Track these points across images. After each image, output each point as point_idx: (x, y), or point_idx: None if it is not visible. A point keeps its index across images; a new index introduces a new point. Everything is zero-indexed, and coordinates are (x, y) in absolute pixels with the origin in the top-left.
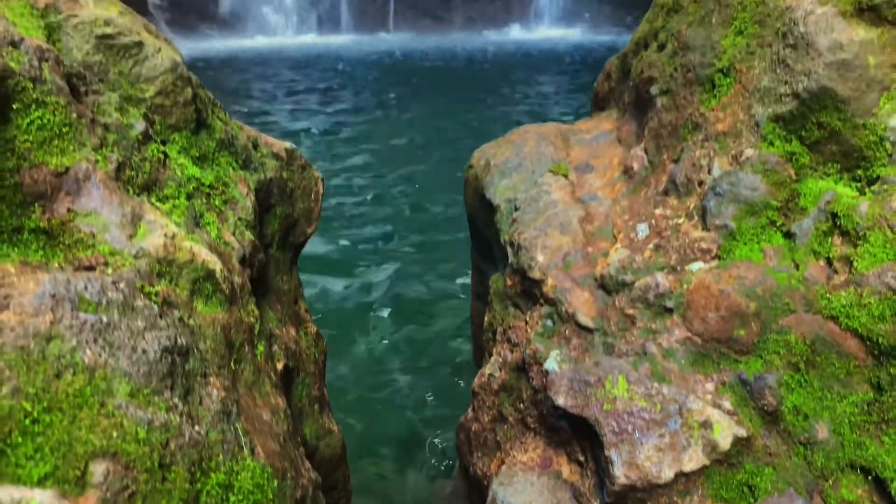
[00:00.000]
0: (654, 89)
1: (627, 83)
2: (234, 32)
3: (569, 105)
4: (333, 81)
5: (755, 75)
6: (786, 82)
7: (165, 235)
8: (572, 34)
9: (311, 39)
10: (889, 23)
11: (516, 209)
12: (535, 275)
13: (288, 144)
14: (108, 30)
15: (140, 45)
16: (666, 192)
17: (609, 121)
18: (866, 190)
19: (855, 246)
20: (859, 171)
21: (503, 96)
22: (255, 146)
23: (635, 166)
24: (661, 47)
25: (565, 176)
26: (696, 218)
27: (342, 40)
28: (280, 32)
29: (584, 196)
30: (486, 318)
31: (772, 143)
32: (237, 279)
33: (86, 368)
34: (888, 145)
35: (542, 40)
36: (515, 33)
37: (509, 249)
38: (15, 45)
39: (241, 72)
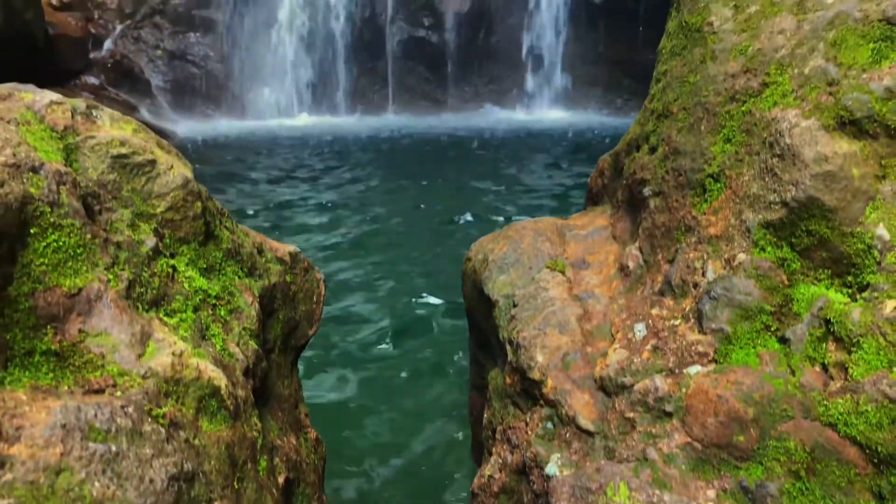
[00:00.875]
0: (646, 191)
1: (620, 181)
2: (235, 113)
3: (562, 187)
4: (330, 162)
5: (744, 182)
6: (774, 190)
7: (173, 354)
8: (565, 116)
9: (310, 120)
10: (870, 136)
11: (514, 305)
12: (535, 375)
13: (291, 248)
14: (123, 149)
15: (153, 162)
16: (662, 293)
17: (603, 217)
18: (857, 297)
19: (849, 352)
20: (850, 278)
21: (498, 178)
22: (260, 251)
23: (631, 265)
24: (653, 150)
25: (562, 272)
26: (692, 320)
27: (341, 121)
28: (280, 113)
29: (582, 293)
30: (485, 415)
31: (763, 249)
32: (241, 393)
33: (94, 502)
34: (876, 253)
35: (536, 122)
36: (509, 115)
37: (508, 347)
38: (35, 170)
39: (241, 151)
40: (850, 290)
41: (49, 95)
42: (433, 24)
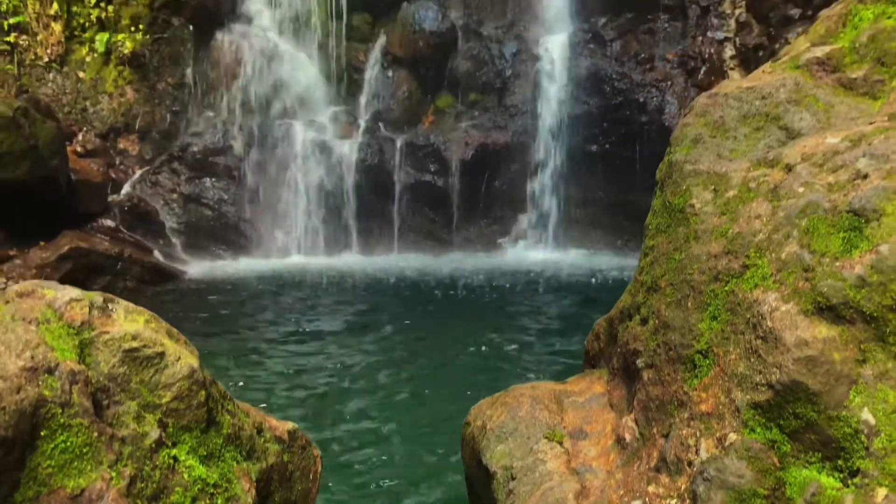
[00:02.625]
0: (639, 362)
1: (615, 348)
2: (246, 253)
3: (560, 335)
4: (337, 303)
5: (732, 360)
6: (760, 372)
7: None
8: (567, 258)
9: (318, 261)
10: (847, 321)
11: (512, 479)
12: None
13: (290, 425)
14: (135, 343)
15: (161, 355)
16: (657, 469)
17: (600, 383)
18: (849, 482)
19: None
20: (840, 462)
21: (499, 325)
22: (260, 431)
23: (627, 437)
24: (644, 321)
25: (560, 443)
26: (687, 501)
27: (349, 261)
28: (290, 254)
29: (580, 466)
30: None
31: (753, 430)
32: None
33: None
34: (863, 438)
35: (538, 263)
36: (511, 256)
37: None
38: (51, 371)
39: (250, 292)
40: (841, 475)
41: (69, 293)
42: (439, 170)
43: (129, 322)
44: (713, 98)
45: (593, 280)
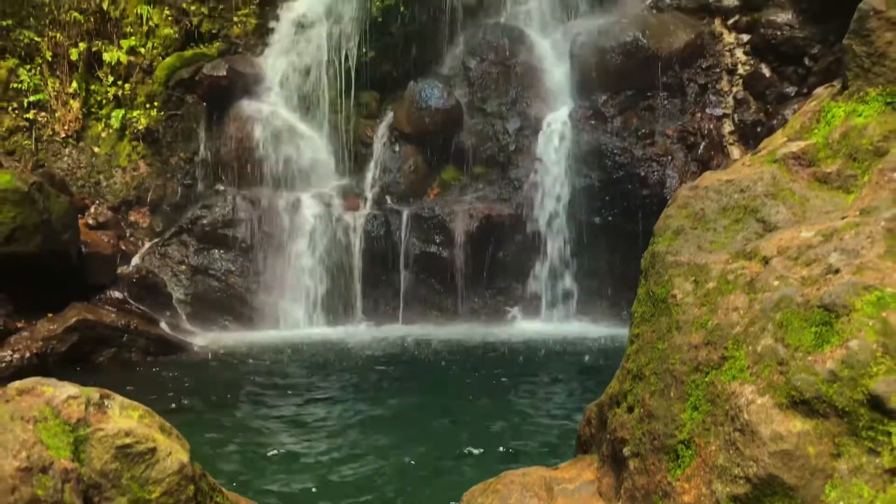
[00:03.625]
0: (626, 451)
1: (605, 434)
2: (251, 325)
3: (562, 409)
4: (338, 375)
5: (712, 451)
6: (738, 464)
7: None
8: (572, 329)
9: (323, 332)
10: (821, 415)
11: None
12: None
13: None
14: (127, 440)
15: (153, 450)
16: None
17: (591, 470)
18: None
19: None
20: None
21: (500, 400)
22: None
23: None
24: (630, 409)
25: None
26: None
27: (354, 333)
28: (296, 325)
29: None
30: None
31: None
32: None
33: None
34: None
35: (541, 334)
36: (515, 327)
37: None
38: (45, 469)
39: (253, 363)
40: None
41: (67, 390)
42: (444, 241)
43: (124, 418)
44: (694, 190)
45: (597, 351)
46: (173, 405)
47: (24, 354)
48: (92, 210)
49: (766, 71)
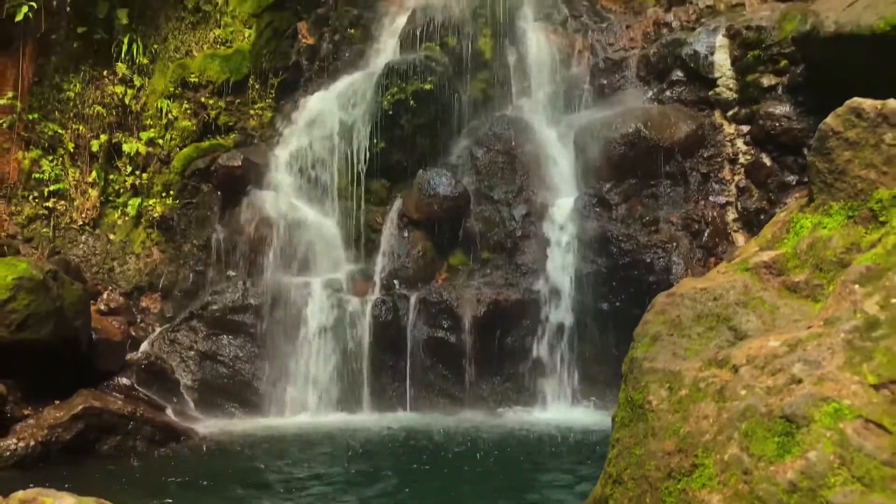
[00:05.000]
0: None
1: None
2: (258, 411)
3: (567, 496)
4: (343, 469)
5: None
6: None
7: None
8: (580, 416)
9: (330, 418)
10: None
11: None
12: None
13: None
14: None
15: None
16: None
17: None
18: None
19: None
20: None
21: (505, 488)
22: None
23: None
24: None
25: None
26: None
27: (361, 419)
28: (303, 412)
29: None
30: None
31: None
32: None
33: None
34: None
35: (551, 422)
36: (524, 415)
37: None
38: None
39: (258, 451)
40: None
41: (65, 502)
42: (451, 326)
43: None
44: (671, 297)
45: (605, 441)
46: (170, 501)
47: (29, 443)
48: (105, 296)
49: (766, 160)
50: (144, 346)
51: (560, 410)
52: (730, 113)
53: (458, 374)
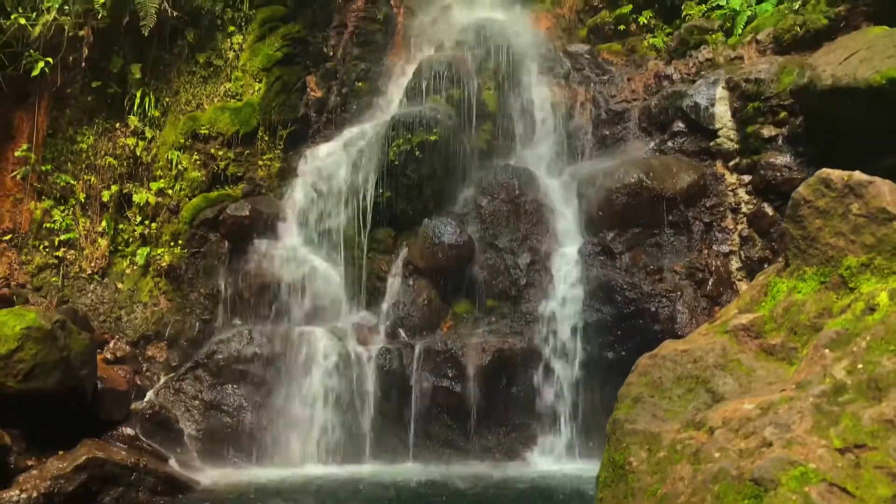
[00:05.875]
0: None
1: None
2: (261, 461)
3: None
4: None
5: None
6: None
7: None
8: (587, 467)
9: (334, 470)
10: None
11: None
12: None
13: None
14: None
15: None
16: None
17: None
18: None
19: None
20: None
21: None
22: None
23: None
24: None
25: None
26: None
27: (364, 470)
28: (306, 463)
29: None
30: None
31: None
32: None
33: None
34: None
35: (557, 474)
36: (530, 466)
37: None
38: None
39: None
40: None
41: None
42: (456, 376)
43: None
44: (653, 359)
45: None
46: None
47: (32, 494)
48: (111, 345)
49: (768, 210)
50: (149, 396)
51: (566, 461)
52: (731, 163)
53: (463, 425)
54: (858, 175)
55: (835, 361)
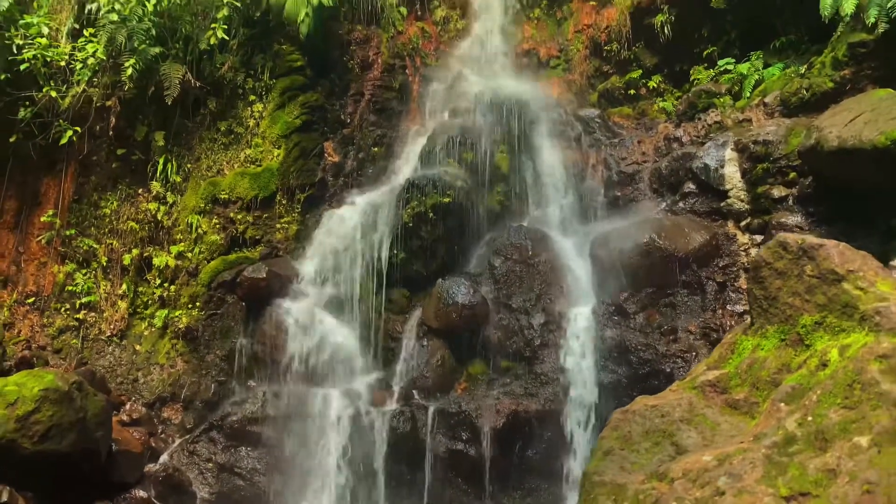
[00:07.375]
0: None
1: None
2: None
3: None
4: None
5: None
6: None
7: None
8: None
9: None
10: None
11: None
12: None
13: None
14: None
15: None
16: None
17: None
18: None
19: None
20: None
21: None
22: None
23: None
24: None
25: None
26: None
27: None
28: None
29: None
30: None
31: None
32: None
33: None
34: None
35: None
36: None
37: None
38: None
39: None
40: None
41: None
42: (470, 438)
43: None
44: (625, 414)
45: None
46: None
47: None
48: (127, 407)
49: None
50: (163, 458)
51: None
52: (743, 223)
53: (478, 489)
54: (811, 238)
55: (789, 414)
